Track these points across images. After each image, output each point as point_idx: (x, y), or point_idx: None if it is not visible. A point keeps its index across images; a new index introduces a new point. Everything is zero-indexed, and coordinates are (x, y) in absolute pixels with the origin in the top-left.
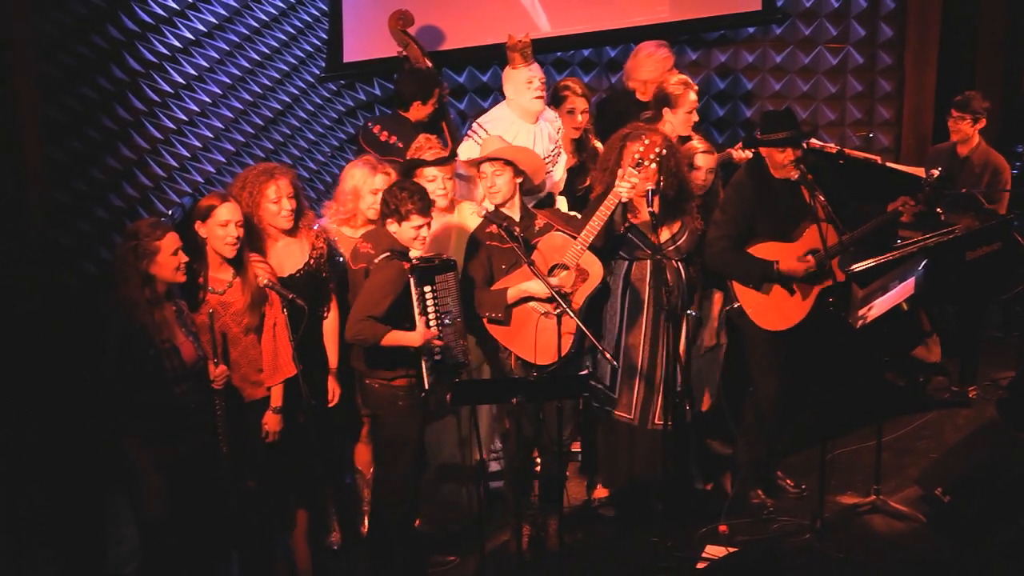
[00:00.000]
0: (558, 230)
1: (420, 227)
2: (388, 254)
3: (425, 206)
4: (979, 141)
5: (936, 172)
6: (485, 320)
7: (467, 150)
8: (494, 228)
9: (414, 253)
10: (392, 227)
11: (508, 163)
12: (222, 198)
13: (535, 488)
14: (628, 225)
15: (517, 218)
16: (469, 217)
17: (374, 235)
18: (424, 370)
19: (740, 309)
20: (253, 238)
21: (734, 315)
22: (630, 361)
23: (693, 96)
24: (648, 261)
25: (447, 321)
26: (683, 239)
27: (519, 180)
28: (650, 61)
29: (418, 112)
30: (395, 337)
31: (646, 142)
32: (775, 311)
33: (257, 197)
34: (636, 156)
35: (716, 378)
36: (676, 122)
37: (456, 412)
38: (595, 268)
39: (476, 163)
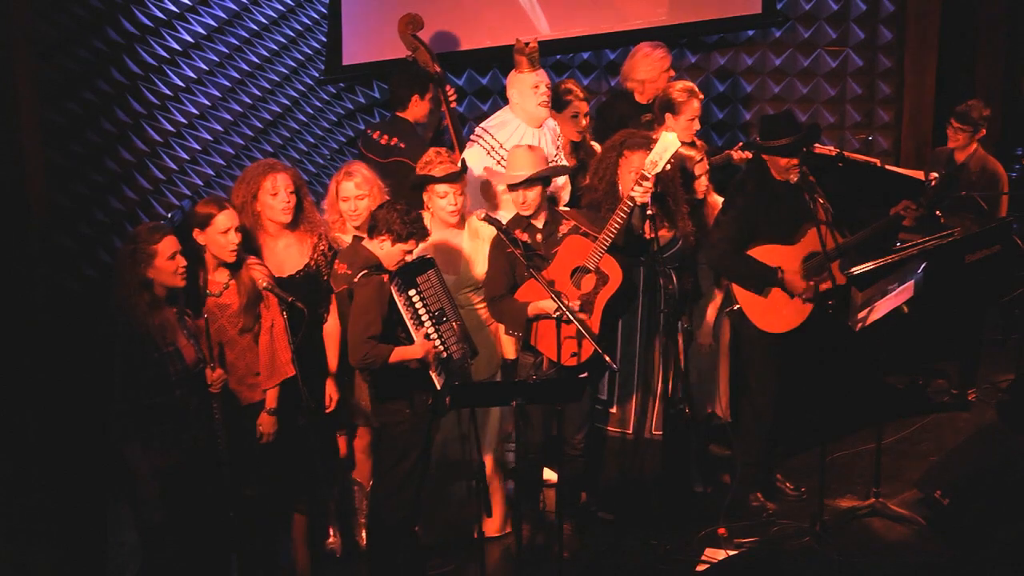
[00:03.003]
0: (583, 232)
1: (409, 252)
2: (365, 271)
3: (423, 233)
4: (976, 147)
5: (935, 175)
6: (507, 332)
7: (472, 155)
8: (517, 234)
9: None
10: (383, 244)
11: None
12: (219, 206)
13: (542, 494)
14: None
15: (540, 223)
16: (480, 229)
17: (349, 253)
18: (433, 374)
19: (740, 311)
20: (248, 238)
21: (734, 317)
22: (627, 370)
23: (697, 104)
24: (642, 268)
25: (441, 317)
26: (676, 246)
27: (548, 190)
28: (647, 61)
29: (418, 109)
30: (400, 353)
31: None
32: (775, 313)
33: (255, 189)
34: (653, 159)
35: (718, 379)
36: (678, 128)
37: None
38: (616, 271)
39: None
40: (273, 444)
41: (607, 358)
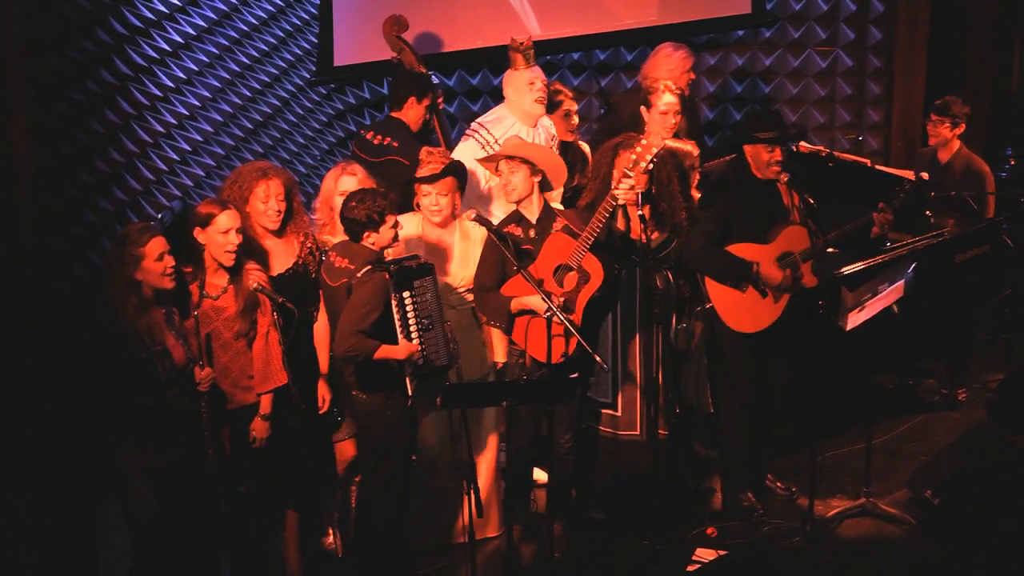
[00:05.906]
0: (565, 229)
1: (395, 224)
2: (369, 267)
3: (391, 202)
4: (960, 147)
5: (907, 185)
6: (484, 322)
7: (467, 150)
8: (511, 229)
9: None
10: (372, 239)
11: (525, 161)
12: (221, 206)
13: (532, 495)
14: (622, 232)
15: (533, 219)
16: (472, 230)
17: (348, 249)
18: (407, 378)
19: (712, 310)
20: (248, 241)
21: (706, 316)
22: (627, 370)
23: (671, 98)
24: (637, 269)
25: (428, 325)
26: (671, 247)
27: (536, 179)
28: (668, 62)
29: (412, 112)
30: (384, 351)
31: (644, 143)
32: (747, 313)
33: (246, 193)
34: (633, 157)
35: (703, 380)
36: (652, 121)
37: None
38: (597, 269)
39: (494, 160)
40: (265, 446)
41: (598, 358)
